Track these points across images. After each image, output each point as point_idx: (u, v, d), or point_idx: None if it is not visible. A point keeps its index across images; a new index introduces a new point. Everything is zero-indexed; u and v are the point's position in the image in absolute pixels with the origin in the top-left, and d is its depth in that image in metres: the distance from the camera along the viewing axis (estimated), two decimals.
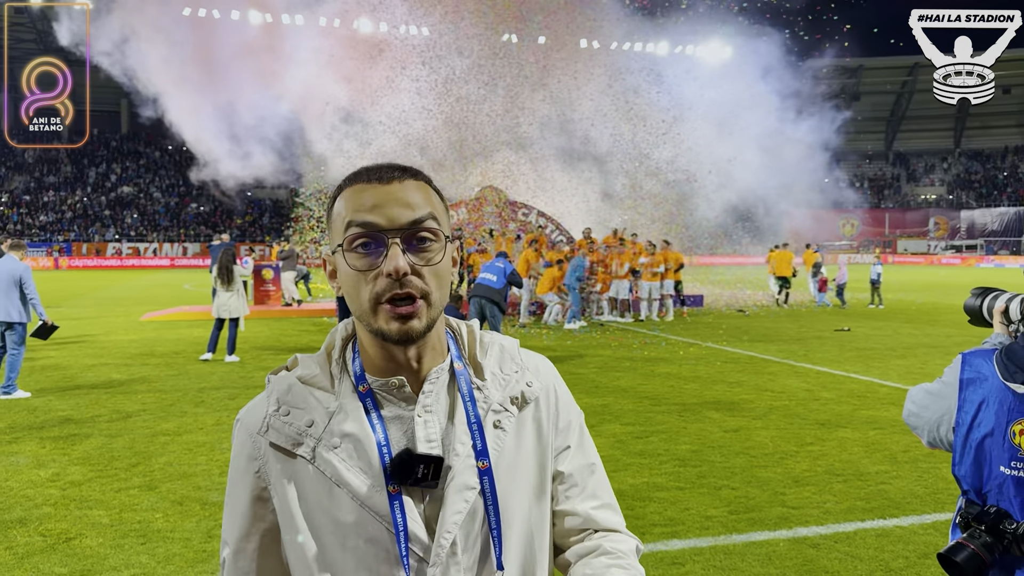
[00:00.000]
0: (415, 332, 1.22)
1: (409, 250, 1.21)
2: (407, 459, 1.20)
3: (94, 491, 6.03)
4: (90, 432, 7.86)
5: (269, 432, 1.25)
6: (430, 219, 1.23)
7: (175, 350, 13.62)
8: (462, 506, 1.22)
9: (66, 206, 60.62)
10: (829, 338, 15.62)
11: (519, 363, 1.37)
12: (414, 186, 1.25)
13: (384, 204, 1.21)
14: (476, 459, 1.25)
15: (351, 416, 1.24)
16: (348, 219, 1.22)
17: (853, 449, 7.27)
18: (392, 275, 1.18)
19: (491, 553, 1.24)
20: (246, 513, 1.27)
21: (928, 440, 2.40)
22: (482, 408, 1.29)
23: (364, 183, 1.24)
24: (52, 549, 4.92)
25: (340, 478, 1.21)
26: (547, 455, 1.35)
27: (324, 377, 1.28)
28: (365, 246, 1.21)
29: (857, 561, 4.76)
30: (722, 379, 10.95)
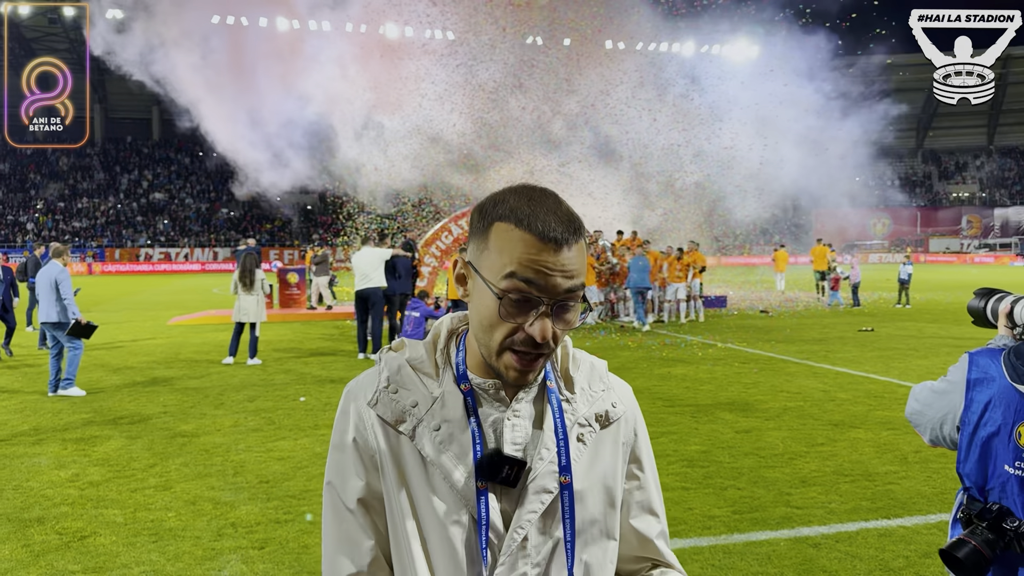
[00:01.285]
0: (528, 384, 1.31)
1: (555, 314, 1.26)
2: (496, 458, 1.27)
3: (111, 491, 6.19)
4: (111, 434, 8.05)
5: (378, 406, 1.33)
6: (581, 288, 1.29)
7: (199, 353, 13.85)
8: (538, 506, 1.30)
9: (99, 212, 61.65)
10: (851, 339, 15.50)
11: (607, 383, 1.44)
12: (578, 250, 1.28)
13: (552, 269, 1.24)
14: (560, 473, 1.32)
15: (452, 405, 1.32)
16: (510, 268, 1.24)
17: (864, 449, 7.25)
18: (536, 339, 1.24)
19: (563, 560, 1.31)
20: (358, 474, 1.34)
21: (930, 438, 2.43)
22: (569, 419, 1.36)
23: (536, 238, 1.24)
24: (67, 547, 5.07)
25: (437, 460, 1.29)
26: (619, 476, 1.41)
27: (430, 364, 1.36)
28: (519, 302, 1.25)
29: (856, 560, 4.77)
30: (738, 380, 10.93)
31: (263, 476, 6.55)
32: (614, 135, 27.20)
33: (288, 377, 11.45)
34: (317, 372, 11.87)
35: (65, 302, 10.08)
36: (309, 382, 11.02)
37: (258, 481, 6.41)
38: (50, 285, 10.06)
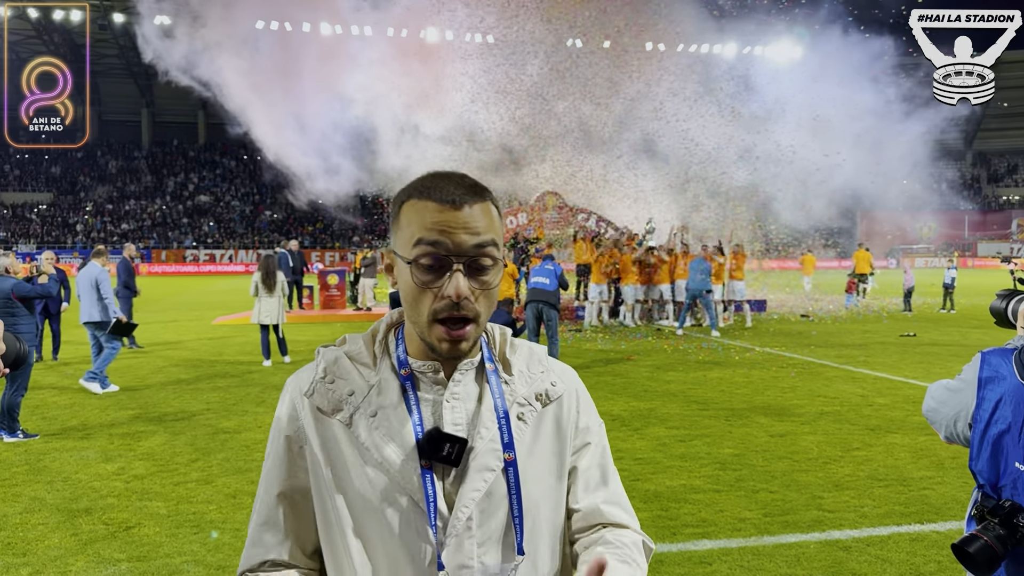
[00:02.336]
0: (462, 352, 1.34)
1: (469, 275, 1.31)
2: (436, 436, 1.32)
3: (155, 484, 6.39)
4: (156, 429, 8.29)
5: (314, 396, 1.38)
6: (492, 245, 1.33)
7: (242, 352, 14.13)
8: (480, 485, 1.33)
9: (146, 214, 62.93)
10: (893, 343, 15.30)
11: (545, 366, 1.48)
12: (481, 210, 1.34)
13: (453, 229, 1.30)
14: (503, 451, 1.35)
15: (388, 391, 1.37)
16: (417, 236, 1.31)
17: (900, 455, 7.20)
18: (452, 298, 1.29)
19: (511, 537, 1.35)
20: (281, 468, 1.40)
21: (945, 435, 2.47)
22: (508, 400, 1.40)
23: (435, 202, 1.32)
24: (113, 537, 5.26)
25: (374, 445, 1.33)
26: (565, 452, 1.45)
27: (367, 355, 1.42)
28: (430, 266, 1.31)
29: (887, 564, 4.76)
30: (775, 384, 10.88)
31: None
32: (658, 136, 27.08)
33: None
34: None
35: (106, 301, 10.37)
36: None
37: None
38: (91, 285, 10.31)
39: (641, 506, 5.79)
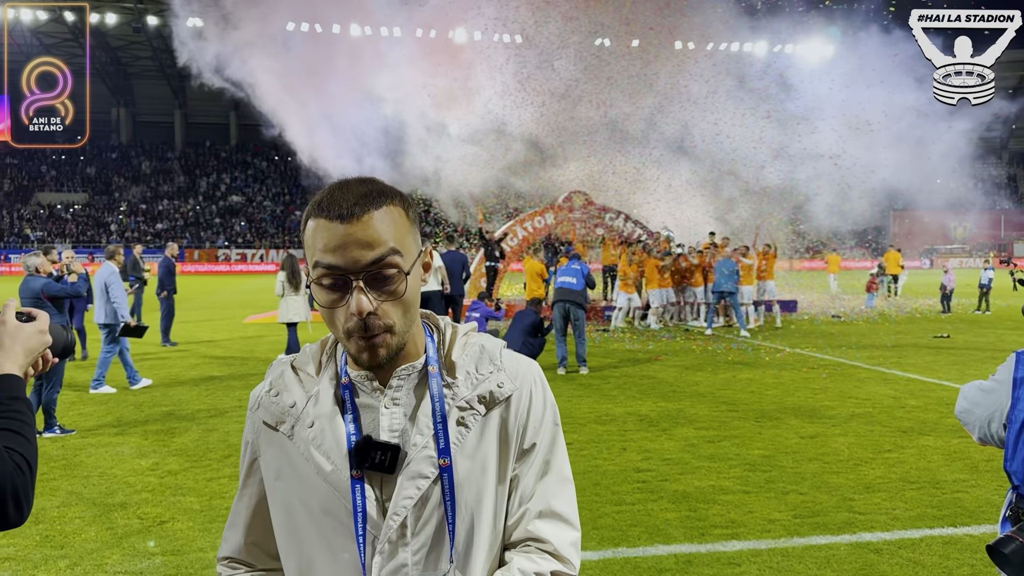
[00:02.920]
0: (382, 359, 1.32)
1: (371, 288, 1.29)
2: (364, 445, 1.32)
3: (188, 480, 6.48)
4: (189, 426, 8.41)
5: (259, 410, 1.43)
6: (391, 254, 1.29)
7: (274, 351, 14.28)
8: (413, 492, 1.31)
9: (179, 214, 63.74)
10: (926, 345, 15.10)
11: (497, 364, 1.42)
12: (379, 218, 1.29)
13: (345, 245, 1.27)
14: (438, 456, 1.33)
15: (325, 401, 1.38)
16: (315, 258, 1.30)
17: (932, 457, 7.11)
18: (356, 315, 1.28)
19: (443, 545, 1.33)
20: (244, 477, 1.50)
21: (979, 436, 2.45)
22: (448, 404, 1.37)
23: (326, 219, 1.29)
24: (147, 531, 5.35)
25: (310, 455, 1.35)
26: (509, 456, 1.40)
27: (313, 365, 1.43)
28: (331, 286, 1.30)
29: (919, 567, 4.72)
30: (806, 385, 10.79)
31: None
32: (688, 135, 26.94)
33: None
34: None
35: (115, 304, 10.26)
36: None
37: None
38: (101, 287, 10.24)
39: (669, 507, 5.78)
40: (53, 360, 1.81)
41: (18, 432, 1.57)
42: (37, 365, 1.73)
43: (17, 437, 1.56)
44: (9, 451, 1.51)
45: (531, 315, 12.21)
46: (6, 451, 1.50)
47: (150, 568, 4.75)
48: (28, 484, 1.51)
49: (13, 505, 1.47)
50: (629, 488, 6.20)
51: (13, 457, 1.51)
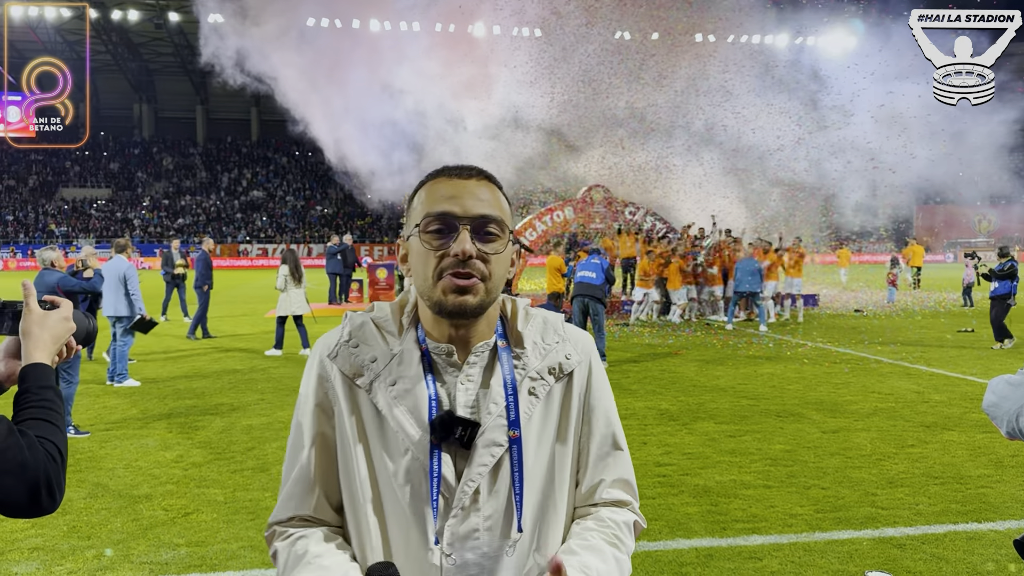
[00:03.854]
0: (469, 306, 1.36)
1: (476, 239, 1.36)
2: (448, 420, 1.35)
3: (212, 472, 6.55)
4: (212, 419, 8.48)
5: (338, 358, 1.43)
6: (498, 221, 1.39)
7: (295, 345, 14.35)
8: (488, 459, 1.36)
9: (201, 210, 64.22)
10: (950, 339, 14.96)
11: (561, 335, 1.49)
12: (487, 187, 1.42)
13: (460, 196, 1.38)
14: (508, 428, 1.37)
15: (409, 362, 1.40)
16: (427, 207, 1.39)
17: (956, 452, 7.05)
18: (459, 255, 1.34)
19: (512, 515, 1.37)
20: (311, 424, 1.45)
21: (1007, 430, 2.43)
22: (519, 374, 1.42)
23: (445, 178, 1.41)
24: (172, 522, 5.41)
25: (391, 414, 1.37)
26: (571, 425, 1.46)
27: (394, 323, 1.45)
28: (439, 230, 1.37)
29: (943, 563, 4.68)
30: (828, 380, 10.72)
31: None
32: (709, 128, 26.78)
33: None
34: None
35: (133, 297, 10.36)
36: None
37: None
38: (119, 280, 10.27)
39: (691, 500, 5.77)
40: (77, 347, 1.84)
41: (50, 421, 1.60)
42: (62, 353, 1.76)
43: (49, 426, 1.59)
44: (41, 440, 1.54)
45: (551, 309, 12.20)
46: (38, 440, 1.53)
47: (175, 559, 4.80)
48: (60, 472, 1.54)
49: (46, 493, 1.50)
50: (650, 482, 6.20)
51: (45, 446, 1.53)
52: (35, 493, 1.48)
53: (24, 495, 1.47)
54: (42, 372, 1.65)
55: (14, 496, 1.47)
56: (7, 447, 1.47)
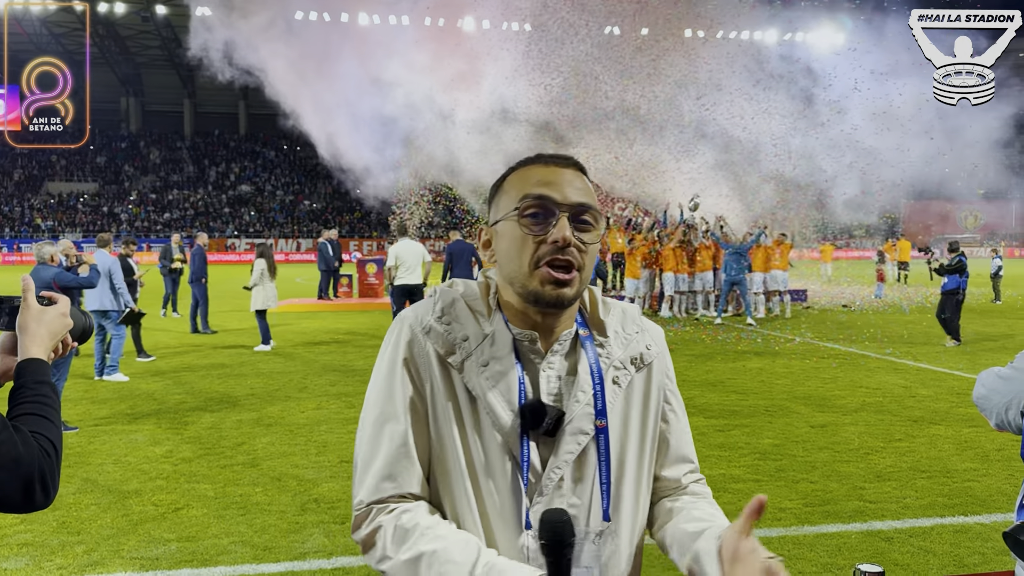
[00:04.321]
0: (566, 298, 1.36)
1: (573, 227, 1.36)
2: (538, 407, 1.35)
3: (202, 467, 6.54)
4: (202, 414, 8.46)
5: (431, 334, 1.40)
6: (594, 208, 1.40)
7: (283, 339, 14.33)
8: (574, 447, 1.37)
9: (189, 204, 63.93)
10: (936, 334, 15.05)
11: (640, 325, 1.51)
12: (581, 178, 1.42)
13: (559, 183, 1.38)
14: (596, 417, 1.38)
15: (501, 344, 1.39)
16: (523, 192, 1.38)
17: (943, 446, 7.11)
18: (558, 242, 1.33)
19: (597, 499, 1.39)
20: (404, 408, 1.38)
21: (996, 423, 2.47)
22: (604, 363, 1.43)
23: (540, 164, 1.42)
24: (162, 517, 5.40)
25: (482, 396, 1.36)
26: (650, 414, 1.49)
27: (483, 304, 1.44)
28: (536, 215, 1.36)
29: (930, 555, 4.73)
30: (816, 375, 10.78)
31: (345, 456, 6.82)
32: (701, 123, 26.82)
33: (368, 363, 11.78)
34: None
35: (119, 291, 10.36)
36: None
37: (339, 461, 6.69)
38: (104, 274, 10.15)
39: None
40: (72, 344, 1.84)
41: (45, 416, 1.60)
42: (58, 349, 1.76)
43: (44, 421, 1.59)
44: (36, 435, 1.53)
45: None
46: (33, 435, 1.53)
47: (166, 554, 4.80)
48: (55, 468, 1.54)
49: (40, 488, 1.50)
50: None
51: (40, 441, 1.53)
52: (29, 489, 1.48)
53: (18, 490, 1.47)
54: (38, 367, 1.65)
55: (7, 491, 1.47)
56: (1, 442, 1.46)
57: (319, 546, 4.90)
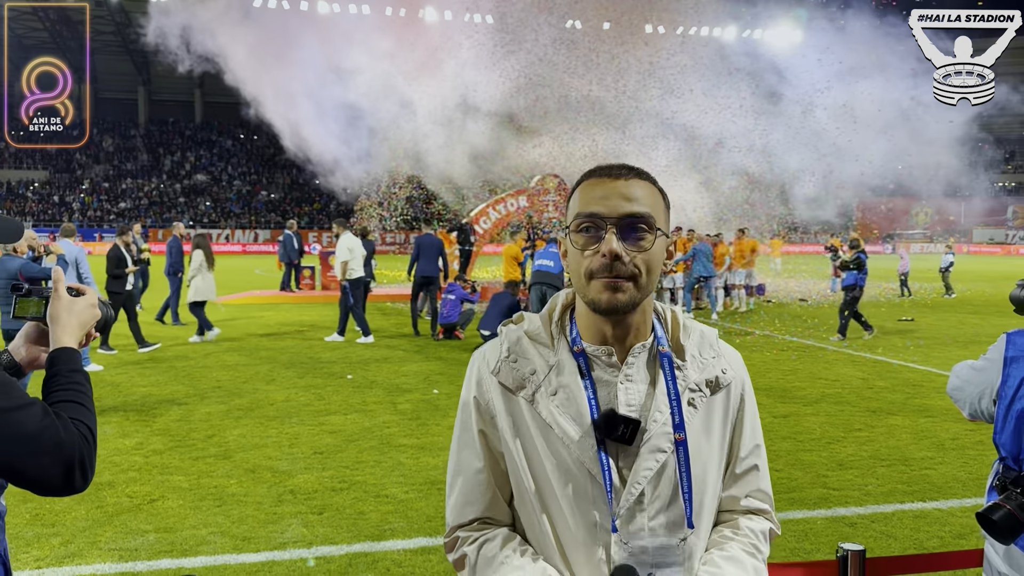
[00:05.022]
0: (621, 304, 1.41)
1: (624, 238, 1.41)
2: (612, 417, 1.41)
3: (174, 459, 6.52)
4: (169, 407, 8.41)
5: (500, 373, 1.50)
6: (648, 216, 1.43)
7: (247, 332, 14.24)
8: (653, 464, 1.43)
9: (143, 193, 62.79)
10: (891, 328, 15.47)
11: (717, 351, 1.56)
12: (639, 184, 1.45)
13: (609, 196, 1.43)
14: (674, 431, 1.44)
15: (568, 371, 1.47)
16: (577, 210, 1.45)
17: (901, 436, 7.36)
18: (605, 256, 1.39)
19: (679, 511, 1.45)
20: (477, 440, 1.53)
21: (969, 412, 2.61)
22: (680, 385, 1.49)
23: (597, 178, 1.46)
24: (138, 509, 5.39)
25: (555, 421, 1.44)
26: (725, 435, 1.54)
27: (545, 335, 1.52)
28: (587, 230, 1.43)
29: (892, 540, 4.92)
30: (776, 367, 11.04)
31: (317, 448, 6.84)
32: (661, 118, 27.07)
33: (334, 355, 11.78)
34: (361, 352, 12.17)
35: (86, 280, 10.23)
36: (354, 361, 11.33)
37: (312, 452, 6.71)
38: (71, 264, 10.11)
39: None
40: (95, 335, 1.89)
41: (81, 403, 1.65)
42: (82, 340, 1.80)
43: (80, 408, 1.64)
44: (75, 422, 1.59)
45: (508, 297, 12.32)
46: (72, 422, 1.58)
47: (144, 545, 4.80)
48: (92, 453, 1.59)
49: (79, 473, 1.56)
50: None
51: (79, 427, 1.58)
52: (69, 473, 1.54)
53: (60, 475, 1.53)
54: (70, 356, 1.70)
55: (50, 475, 1.52)
56: (43, 428, 1.51)
57: (298, 536, 4.94)
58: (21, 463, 1.49)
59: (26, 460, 1.49)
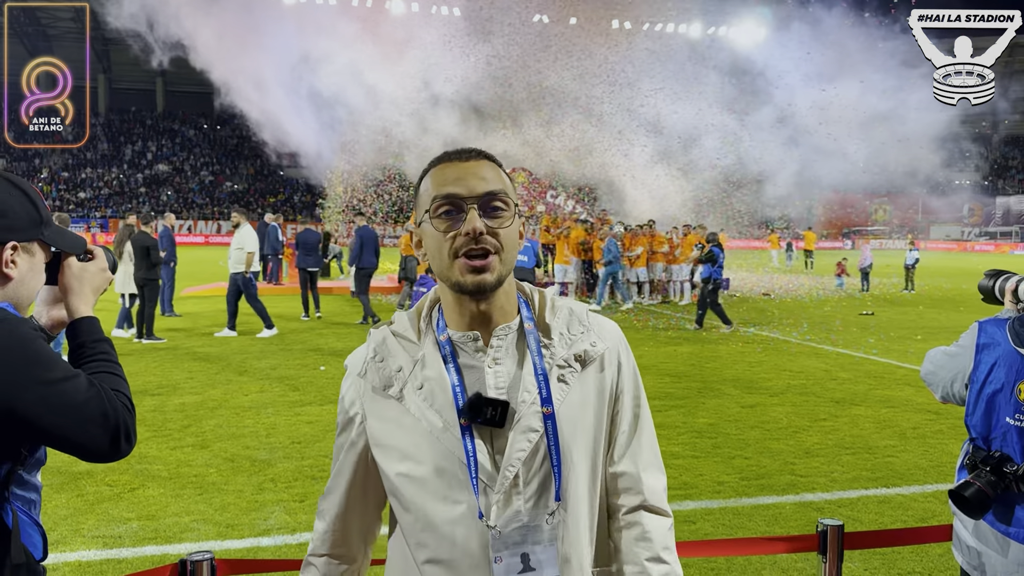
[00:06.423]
0: (487, 283, 1.42)
1: (484, 216, 1.43)
2: (477, 401, 1.41)
3: (151, 449, 6.53)
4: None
5: (367, 375, 1.52)
6: (502, 192, 1.46)
7: (216, 324, 14.17)
8: (525, 445, 1.42)
9: (103, 183, 61.79)
10: (852, 322, 15.84)
11: (586, 325, 1.54)
12: (488, 165, 1.48)
13: (464, 177, 1.44)
14: (541, 405, 1.43)
15: (432, 364, 1.47)
16: (434, 193, 1.45)
17: (864, 425, 7.60)
18: (470, 234, 1.40)
19: (551, 487, 1.44)
20: (344, 438, 1.57)
21: (941, 395, 2.78)
22: (548, 363, 1.48)
23: (447, 162, 1.48)
24: (119, 497, 5.42)
25: (423, 415, 1.45)
26: (605, 411, 1.53)
27: (412, 331, 1.54)
28: (448, 212, 1.44)
29: (857, 524, 5.12)
30: (743, 359, 11.28)
31: (295, 437, 6.90)
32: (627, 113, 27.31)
33: (305, 347, 11.79)
34: (333, 343, 12.20)
35: None
36: (326, 352, 11.36)
37: (290, 442, 6.76)
38: None
39: None
40: None
41: (114, 373, 1.72)
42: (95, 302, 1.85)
43: (115, 378, 1.71)
44: (115, 392, 1.65)
45: None
46: (113, 392, 1.65)
47: (128, 532, 4.84)
48: (132, 419, 1.67)
49: (124, 439, 1.63)
50: None
51: (120, 398, 1.65)
52: (116, 440, 1.61)
53: (106, 442, 1.60)
54: (91, 325, 1.75)
55: (98, 443, 1.60)
56: (89, 398, 1.59)
57: (281, 523, 5.01)
58: (72, 431, 1.56)
59: (76, 429, 1.56)
